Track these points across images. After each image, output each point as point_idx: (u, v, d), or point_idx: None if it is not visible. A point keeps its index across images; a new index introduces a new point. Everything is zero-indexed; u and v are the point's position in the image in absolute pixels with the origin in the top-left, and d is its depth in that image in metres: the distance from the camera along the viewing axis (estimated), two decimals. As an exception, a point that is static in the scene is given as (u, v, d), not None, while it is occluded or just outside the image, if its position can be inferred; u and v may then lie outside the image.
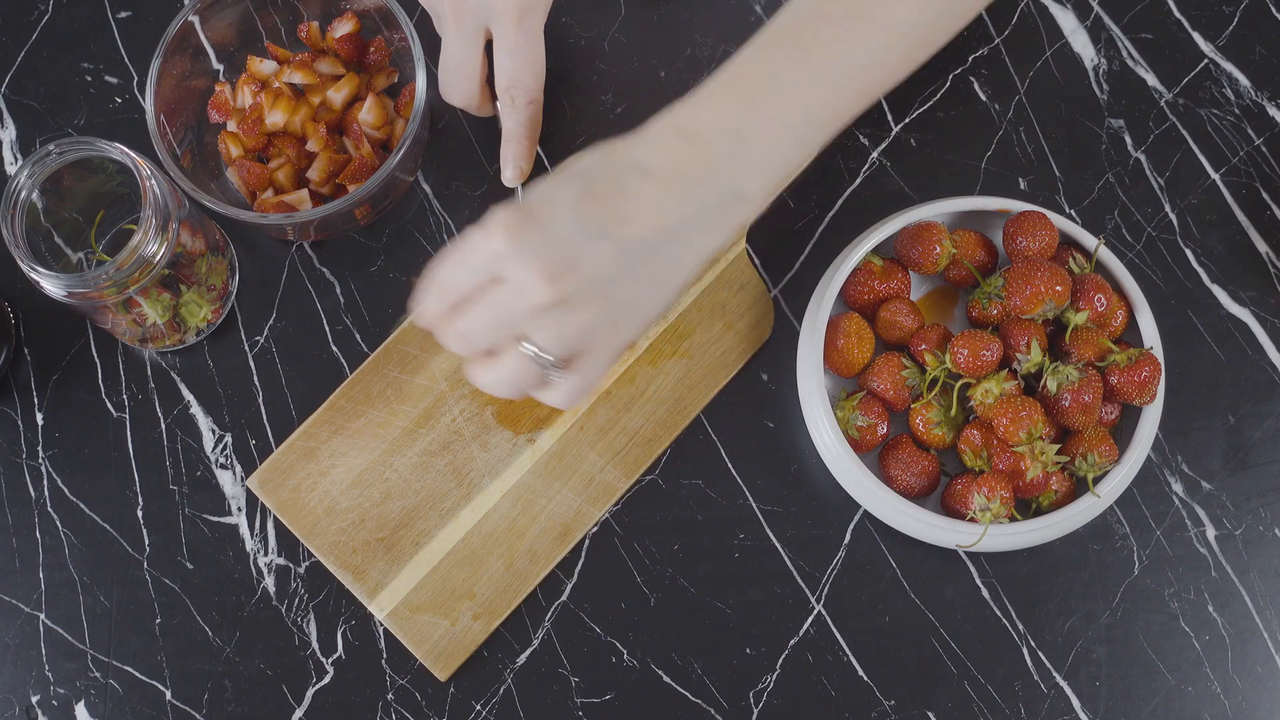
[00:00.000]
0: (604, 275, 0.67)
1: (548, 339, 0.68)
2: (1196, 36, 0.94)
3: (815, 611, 0.85)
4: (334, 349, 0.89)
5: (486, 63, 0.86)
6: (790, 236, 0.91)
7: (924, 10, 0.75)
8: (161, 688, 0.84)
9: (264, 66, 0.90)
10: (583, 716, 0.83)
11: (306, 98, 0.90)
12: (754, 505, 0.86)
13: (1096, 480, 0.81)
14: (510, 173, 0.85)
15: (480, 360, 0.71)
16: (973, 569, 0.85)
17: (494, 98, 0.88)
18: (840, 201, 0.91)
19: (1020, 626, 0.84)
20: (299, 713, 0.84)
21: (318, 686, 0.84)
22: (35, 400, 0.89)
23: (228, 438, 0.88)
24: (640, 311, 0.71)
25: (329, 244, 0.91)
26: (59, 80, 0.94)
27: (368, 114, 0.89)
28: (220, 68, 0.92)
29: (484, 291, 0.68)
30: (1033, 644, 0.84)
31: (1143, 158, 0.92)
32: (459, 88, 0.85)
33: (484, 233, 0.67)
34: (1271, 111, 0.92)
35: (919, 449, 0.84)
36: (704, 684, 0.84)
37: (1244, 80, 0.93)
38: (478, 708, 0.83)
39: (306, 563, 0.86)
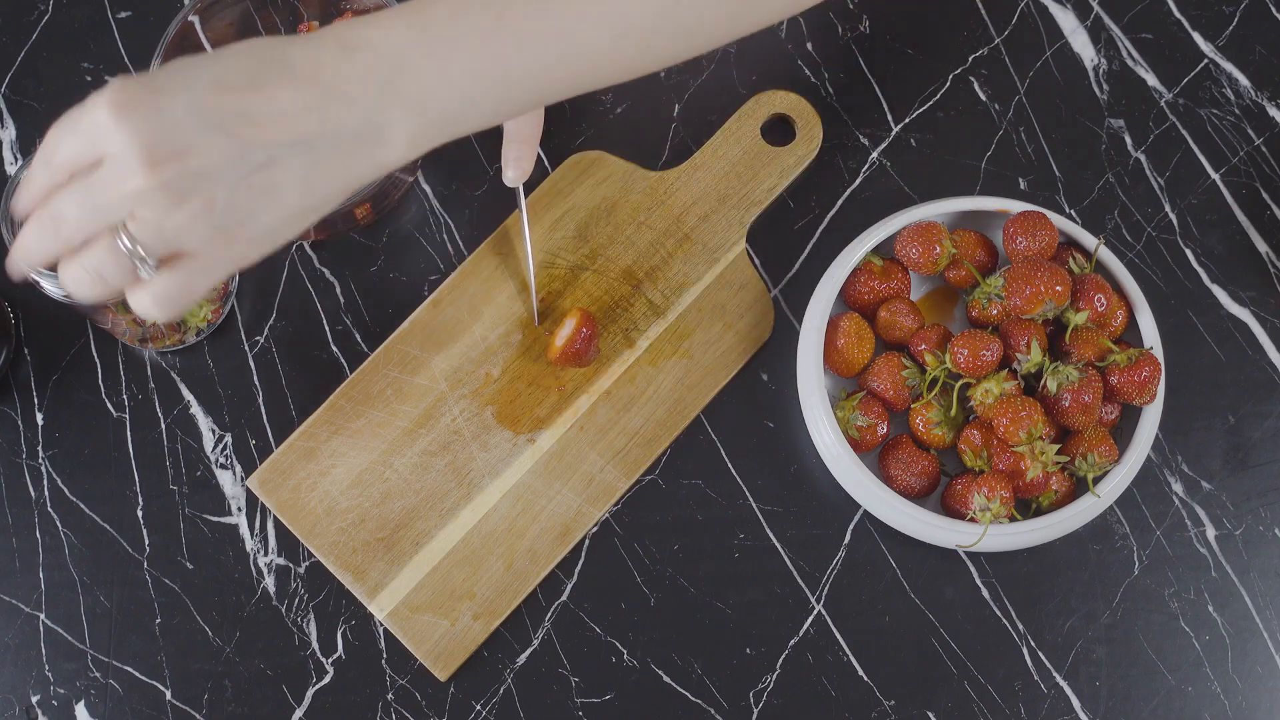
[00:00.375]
0: (212, 171, 0.60)
1: (142, 229, 0.61)
2: (1196, 36, 0.94)
3: (815, 611, 0.85)
4: (334, 349, 0.89)
5: None
6: (790, 236, 0.91)
7: (660, 14, 0.68)
8: (161, 688, 0.84)
9: (264, 66, 0.90)
10: (583, 716, 0.83)
11: (306, 98, 0.90)
12: (754, 505, 0.86)
13: (1096, 480, 0.81)
14: (511, 173, 0.85)
15: (72, 257, 0.63)
16: (973, 569, 0.85)
17: None
18: (840, 201, 0.91)
19: (1020, 626, 0.84)
20: (299, 713, 0.84)
21: (318, 686, 0.84)
22: (35, 400, 0.89)
23: (228, 438, 0.88)
24: (254, 226, 0.63)
25: (329, 244, 0.91)
26: (59, 80, 0.94)
27: (368, 114, 0.89)
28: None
29: (82, 173, 0.61)
30: (1033, 644, 0.84)
31: (1143, 158, 0.92)
32: None
33: (91, 101, 0.60)
34: (1271, 111, 0.92)
35: (919, 449, 0.84)
36: (704, 684, 0.84)
37: (1244, 80, 0.93)
38: (478, 708, 0.83)
39: (306, 563, 0.86)
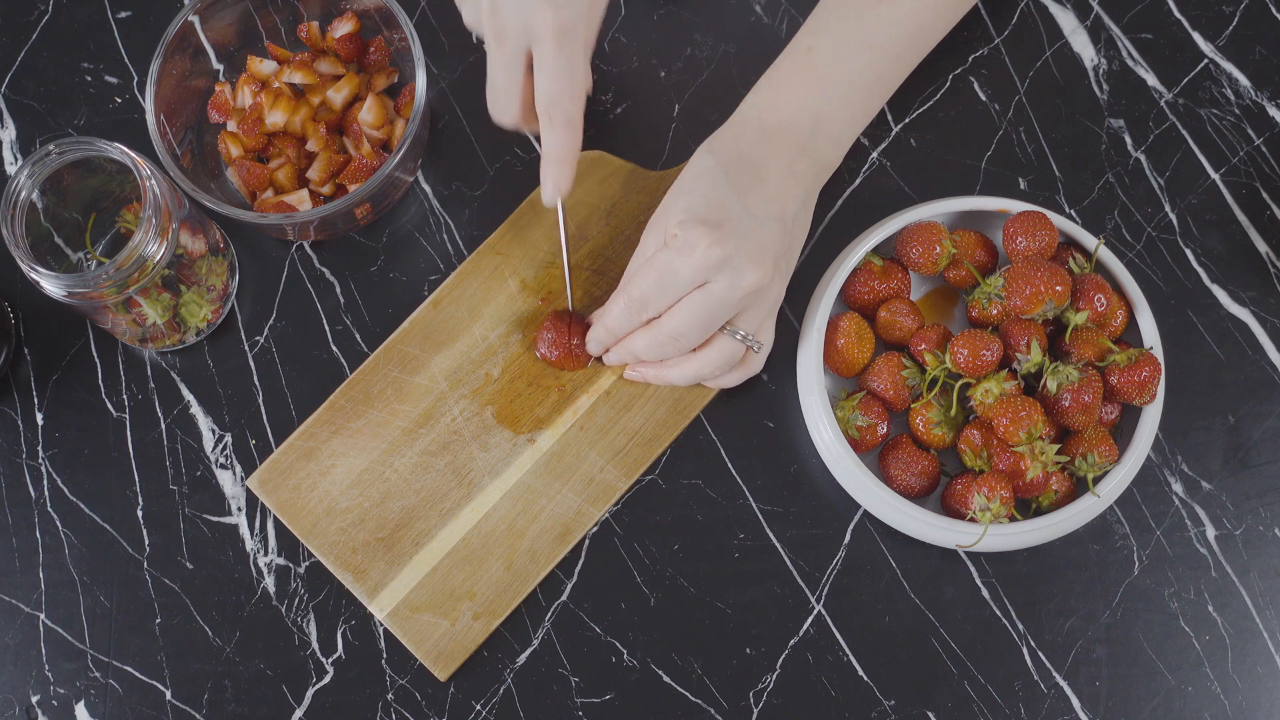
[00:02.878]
0: (782, 250, 0.80)
1: (751, 318, 0.81)
2: (1196, 36, 0.94)
3: (815, 611, 0.85)
4: (334, 349, 0.89)
5: (530, 84, 0.83)
6: (790, 236, 0.91)
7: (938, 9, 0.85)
8: (161, 688, 0.84)
9: (264, 66, 0.90)
10: (583, 716, 0.83)
11: (306, 98, 0.90)
12: (754, 505, 0.86)
13: (1096, 480, 0.81)
14: (549, 191, 0.83)
15: (675, 360, 0.83)
16: (973, 569, 0.85)
17: None
18: (840, 201, 0.91)
19: (1020, 626, 0.84)
20: (299, 713, 0.84)
21: (318, 686, 0.84)
22: (35, 400, 0.89)
23: (228, 438, 0.88)
24: (789, 273, 0.84)
25: (329, 244, 0.91)
26: (59, 80, 0.94)
27: (368, 114, 0.89)
28: (220, 68, 0.92)
29: (687, 297, 0.78)
30: (1033, 644, 0.84)
31: (1143, 158, 0.92)
32: (505, 109, 0.84)
33: (682, 250, 0.76)
34: (1271, 111, 0.92)
35: (919, 449, 0.84)
36: (704, 684, 0.84)
37: (1244, 80, 0.93)
38: (478, 708, 0.83)
39: (306, 563, 0.86)
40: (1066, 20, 0.94)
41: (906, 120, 0.92)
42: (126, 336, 0.88)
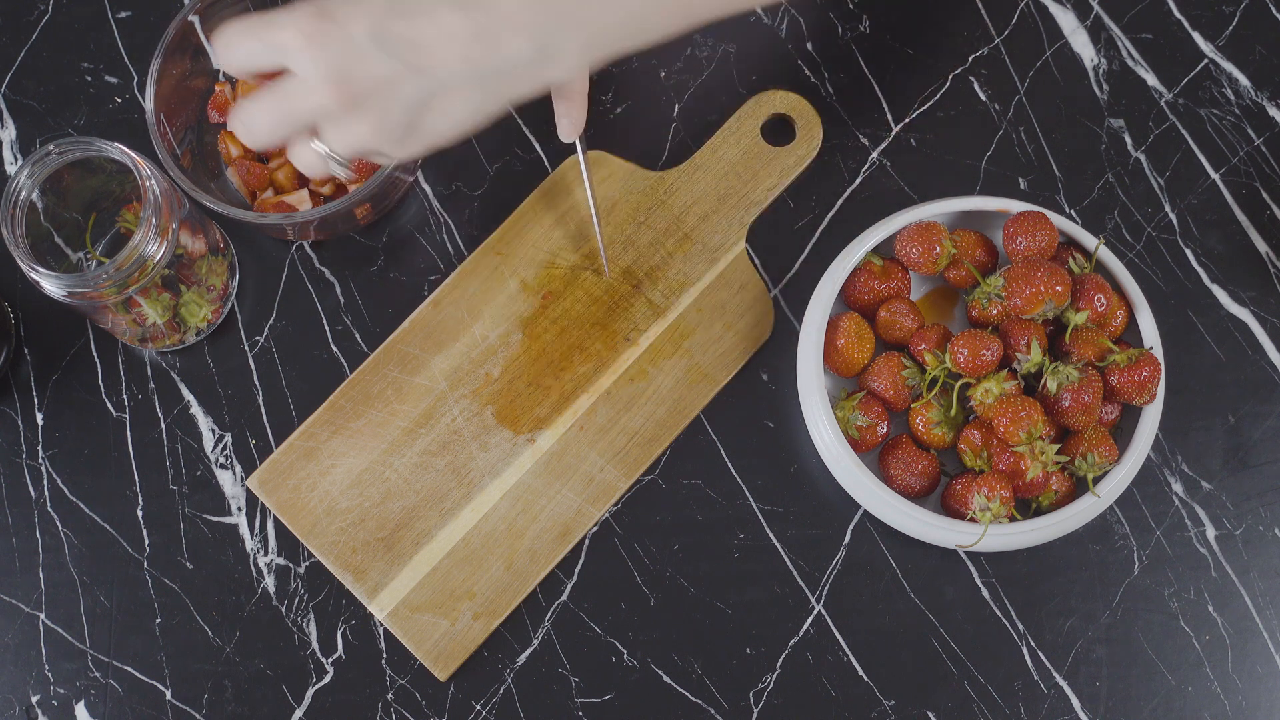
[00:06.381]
0: (387, 92, 0.66)
1: (334, 142, 0.68)
2: (1196, 36, 0.94)
3: (815, 611, 0.85)
4: (334, 349, 0.89)
5: None
6: (790, 236, 0.91)
7: None
8: (161, 688, 0.84)
9: (264, 66, 0.90)
10: (583, 716, 0.83)
11: (306, 98, 0.90)
12: (754, 505, 0.86)
13: (1096, 480, 0.81)
14: (565, 125, 0.79)
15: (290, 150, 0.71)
16: (973, 569, 0.85)
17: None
18: (840, 201, 0.91)
19: (1020, 626, 0.84)
20: (299, 713, 0.84)
21: (318, 686, 0.84)
22: (35, 400, 0.89)
23: (228, 438, 0.88)
24: (430, 135, 0.68)
25: (329, 244, 0.91)
26: (59, 80, 0.94)
27: (368, 114, 0.89)
28: (220, 67, 0.92)
29: (272, 82, 0.67)
30: (1033, 644, 0.84)
31: (1143, 158, 0.92)
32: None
33: (279, 21, 0.65)
34: (1271, 111, 0.92)
35: (919, 449, 0.84)
36: (704, 684, 0.84)
37: (1244, 80, 0.93)
38: (478, 708, 0.83)
39: (306, 563, 0.86)
40: (1066, 20, 0.94)
41: (906, 120, 0.92)
42: (126, 336, 0.88)
